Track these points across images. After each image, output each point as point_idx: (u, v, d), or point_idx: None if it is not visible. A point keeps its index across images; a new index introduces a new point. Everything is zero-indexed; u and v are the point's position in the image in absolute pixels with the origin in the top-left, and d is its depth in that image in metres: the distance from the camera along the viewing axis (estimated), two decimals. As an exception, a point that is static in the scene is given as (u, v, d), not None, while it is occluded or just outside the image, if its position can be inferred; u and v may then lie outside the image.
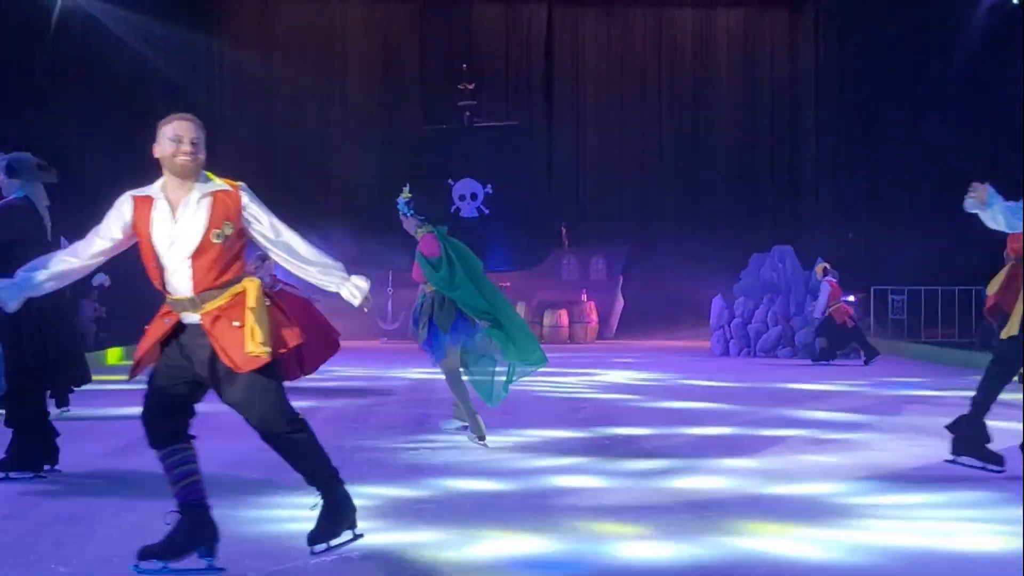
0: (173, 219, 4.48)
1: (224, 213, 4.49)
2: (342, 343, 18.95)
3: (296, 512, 5.17)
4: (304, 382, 13.03)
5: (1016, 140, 22.89)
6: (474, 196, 25.26)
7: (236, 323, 4.44)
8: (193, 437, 4.65)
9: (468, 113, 24.48)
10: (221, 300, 4.47)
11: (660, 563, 4.71)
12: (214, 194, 4.52)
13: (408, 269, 8.33)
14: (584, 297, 23.49)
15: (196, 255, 4.45)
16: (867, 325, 20.50)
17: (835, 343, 17.25)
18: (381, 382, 13.53)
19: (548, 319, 23.04)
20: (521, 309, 22.84)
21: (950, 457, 6.82)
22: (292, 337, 4.56)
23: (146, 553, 4.47)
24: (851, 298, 20.35)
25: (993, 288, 7.66)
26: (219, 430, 6.54)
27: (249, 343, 4.41)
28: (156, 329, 4.55)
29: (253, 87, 25.00)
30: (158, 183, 4.59)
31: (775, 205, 25.36)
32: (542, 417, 9.97)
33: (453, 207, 25.20)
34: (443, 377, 8.34)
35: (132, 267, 4.79)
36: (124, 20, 22.50)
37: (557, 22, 25.88)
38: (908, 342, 20.26)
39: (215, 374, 4.50)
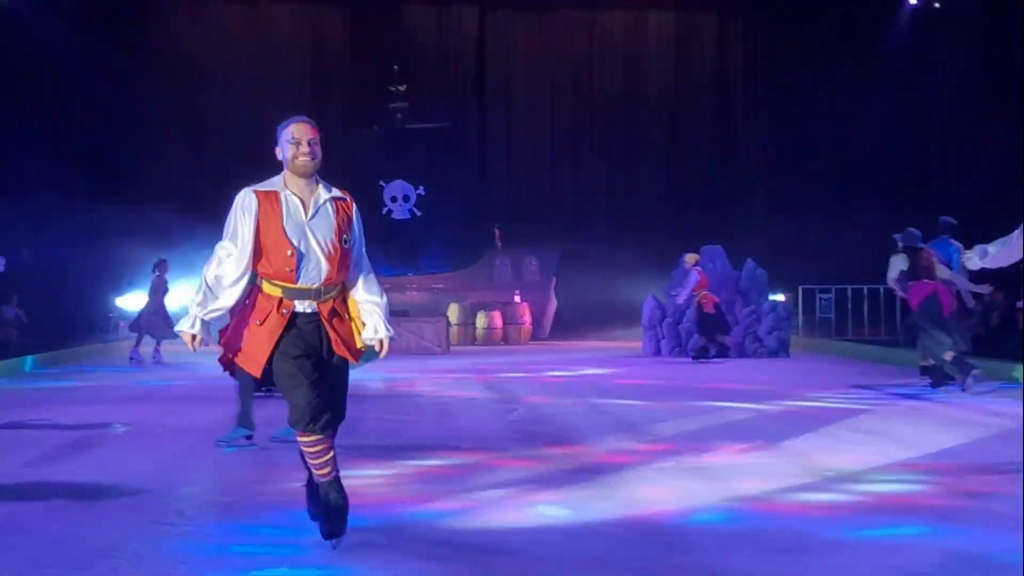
0: (306, 215, 4.83)
1: (347, 220, 4.92)
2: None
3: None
4: (199, 388, 12.81)
5: (939, 143, 23.38)
6: (406, 198, 25.19)
7: (346, 317, 4.91)
8: None
9: (400, 115, 24.42)
10: (334, 294, 4.88)
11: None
12: (336, 201, 4.92)
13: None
14: (517, 298, 23.51)
15: (331, 253, 4.80)
16: (795, 324, 20.77)
17: (709, 336, 17.68)
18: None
19: (481, 320, 23.02)
20: (454, 310, 22.82)
21: None
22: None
23: (328, 534, 4.82)
24: (781, 297, 20.65)
25: None
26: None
27: (356, 338, 4.90)
28: (276, 322, 4.77)
29: (180, 89, 24.67)
30: (278, 180, 4.94)
31: (705, 206, 25.58)
32: (474, 418, 9.96)
33: (385, 209, 25.11)
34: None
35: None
36: (47, 25, 22.12)
37: (489, 24, 25.89)
38: (836, 340, 20.56)
39: (320, 356, 4.82)
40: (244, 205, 4.86)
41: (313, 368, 4.76)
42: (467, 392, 12.56)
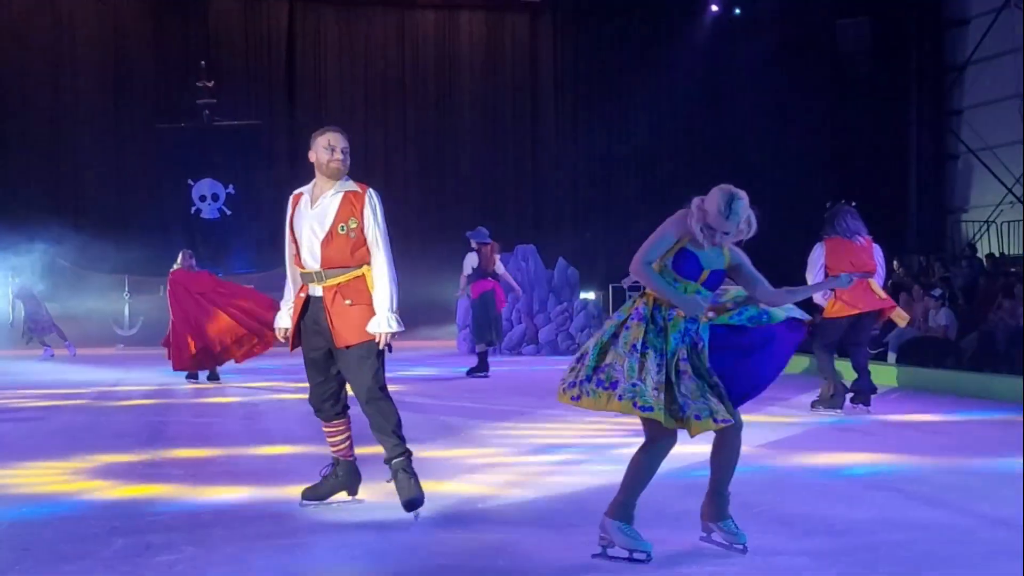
0: (311, 208, 5.52)
1: (349, 211, 5.46)
2: (77, 351, 18.44)
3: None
4: (35, 391, 12.38)
5: (739, 144, 24.28)
6: (215, 197, 24.60)
7: (348, 302, 5.40)
8: (348, 407, 5.68)
9: (208, 112, 23.77)
10: (341, 278, 5.43)
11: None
12: (345, 193, 5.51)
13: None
14: (331, 298, 23.25)
15: (325, 241, 5.44)
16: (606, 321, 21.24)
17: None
18: (117, 389, 12.99)
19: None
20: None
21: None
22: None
23: (307, 495, 5.74)
24: (591, 295, 21.10)
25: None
26: None
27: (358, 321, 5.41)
28: (298, 304, 5.58)
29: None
30: (312, 182, 5.63)
31: (518, 205, 25.88)
32: (283, 419, 9.84)
33: (193, 208, 24.46)
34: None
35: None
36: None
37: (298, 20, 25.50)
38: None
39: (332, 343, 5.45)
40: (289, 206, 5.66)
41: (322, 366, 5.55)
42: (277, 395, 12.41)
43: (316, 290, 5.49)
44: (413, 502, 5.38)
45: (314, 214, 5.49)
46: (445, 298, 21.27)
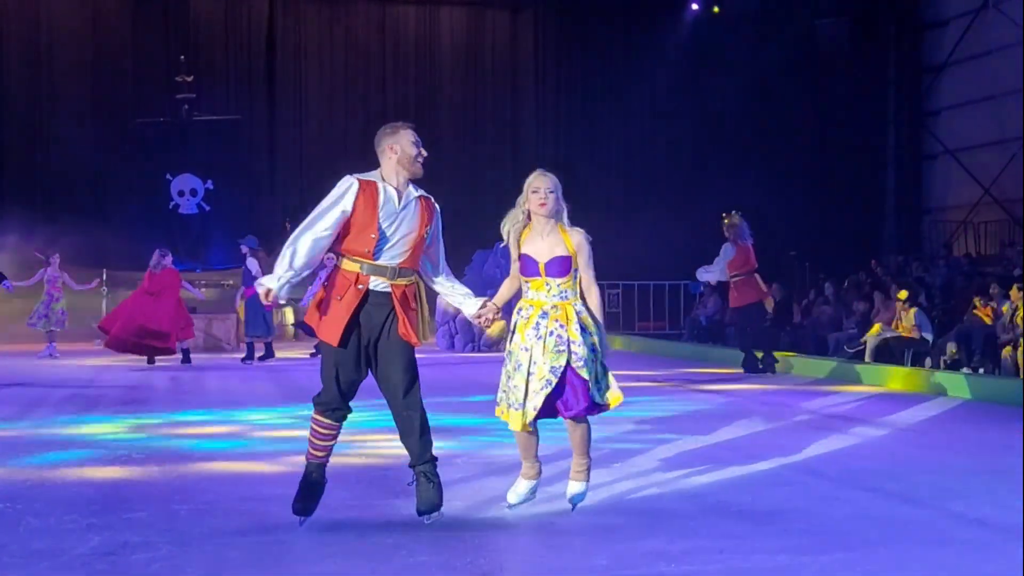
0: (398, 204, 5.41)
1: (430, 216, 5.56)
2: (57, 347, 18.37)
3: None
4: (18, 384, 12.31)
5: (719, 144, 24.32)
6: (194, 192, 24.50)
7: (414, 306, 5.43)
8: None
9: (187, 106, 23.63)
10: (408, 280, 5.43)
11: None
12: (422, 199, 5.55)
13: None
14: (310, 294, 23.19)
15: (414, 240, 5.42)
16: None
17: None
18: (93, 386, 12.93)
19: (275, 317, 22.54)
20: (244, 307, 22.28)
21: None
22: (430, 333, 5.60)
23: (301, 511, 5.34)
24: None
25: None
26: None
27: (422, 327, 5.46)
28: (352, 296, 5.31)
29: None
30: (376, 173, 5.51)
31: (498, 202, 25.61)
32: (262, 421, 9.81)
33: (172, 203, 24.34)
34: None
35: None
36: None
37: (278, 14, 25.39)
38: (622, 334, 21.15)
39: (379, 339, 5.34)
40: (346, 189, 5.38)
41: (360, 362, 5.35)
42: (255, 387, 12.38)
43: (382, 284, 5.34)
44: (431, 508, 5.38)
45: (407, 214, 5.43)
46: (425, 294, 21.19)
